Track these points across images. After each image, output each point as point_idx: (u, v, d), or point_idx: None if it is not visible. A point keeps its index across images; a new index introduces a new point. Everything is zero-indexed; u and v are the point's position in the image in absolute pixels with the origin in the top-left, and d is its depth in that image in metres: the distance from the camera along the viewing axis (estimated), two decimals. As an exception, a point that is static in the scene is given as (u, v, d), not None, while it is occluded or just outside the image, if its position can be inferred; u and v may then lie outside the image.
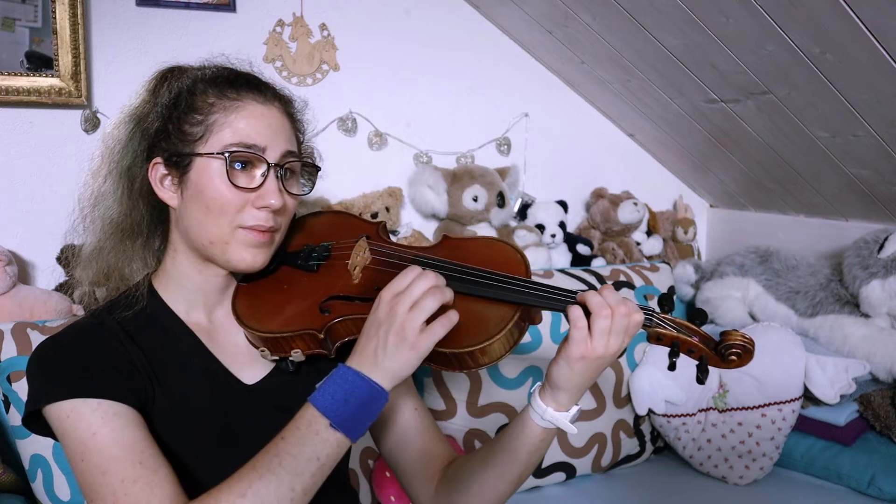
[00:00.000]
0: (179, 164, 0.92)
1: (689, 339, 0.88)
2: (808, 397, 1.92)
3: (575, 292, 0.89)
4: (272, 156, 0.92)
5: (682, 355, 0.89)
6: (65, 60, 1.73)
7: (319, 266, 1.00)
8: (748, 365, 0.89)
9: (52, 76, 1.73)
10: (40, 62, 1.73)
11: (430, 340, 0.82)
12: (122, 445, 0.82)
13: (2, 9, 1.68)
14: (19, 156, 1.77)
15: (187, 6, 1.90)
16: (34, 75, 1.72)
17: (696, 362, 0.89)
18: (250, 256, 0.93)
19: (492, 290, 0.89)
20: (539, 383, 0.95)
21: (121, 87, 1.83)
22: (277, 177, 0.92)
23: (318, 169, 1.03)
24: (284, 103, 0.98)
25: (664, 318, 0.89)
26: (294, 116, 1.00)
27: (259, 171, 0.92)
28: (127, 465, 0.81)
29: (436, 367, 0.89)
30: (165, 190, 0.94)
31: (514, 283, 0.89)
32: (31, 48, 1.72)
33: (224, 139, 0.90)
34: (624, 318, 0.86)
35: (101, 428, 0.82)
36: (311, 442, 0.80)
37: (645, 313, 0.88)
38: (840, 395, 1.87)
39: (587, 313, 0.87)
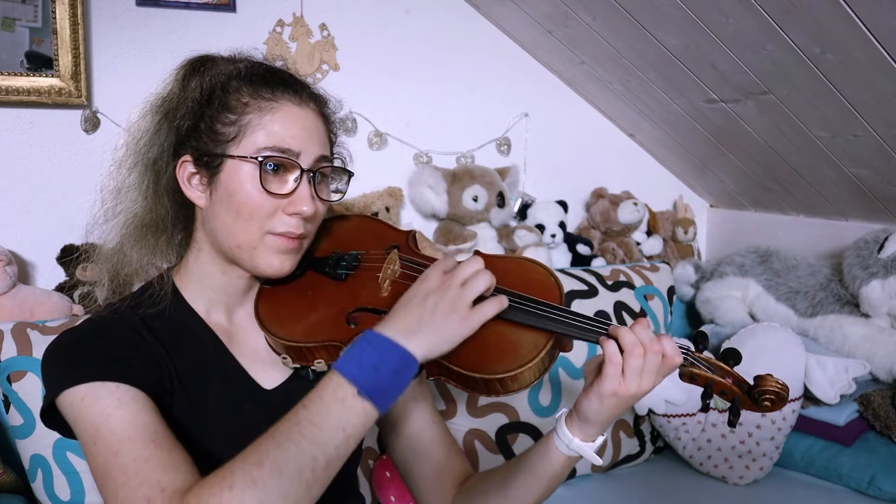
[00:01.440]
0: (210, 165, 0.89)
1: (722, 380, 0.85)
2: (808, 397, 1.92)
3: (609, 323, 0.86)
4: (306, 161, 0.90)
5: (714, 396, 0.87)
6: (65, 60, 1.73)
7: (348, 275, 0.97)
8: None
9: (52, 76, 1.73)
10: (40, 62, 1.73)
11: (481, 318, 0.81)
12: (135, 426, 0.80)
13: (2, 9, 1.68)
14: (19, 156, 1.77)
15: (187, 6, 1.90)
16: (34, 75, 1.72)
17: (729, 404, 0.87)
18: (278, 262, 0.91)
19: (527, 316, 0.86)
20: (565, 410, 0.92)
21: (121, 87, 1.85)
22: (310, 182, 0.90)
23: (350, 174, 1.00)
24: (320, 104, 0.96)
25: (699, 357, 0.87)
26: (329, 118, 0.98)
27: (292, 177, 0.90)
28: (140, 445, 0.78)
29: (461, 388, 0.87)
30: (193, 189, 0.92)
31: (550, 310, 0.86)
32: (31, 48, 1.72)
33: (257, 142, 0.88)
34: (656, 356, 0.83)
35: (115, 410, 0.80)
36: (336, 410, 0.75)
37: (680, 352, 0.85)
38: (840, 395, 1.87)
39: (621, 349, 0.84)
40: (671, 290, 2.15)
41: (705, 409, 0.87)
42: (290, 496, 0.72)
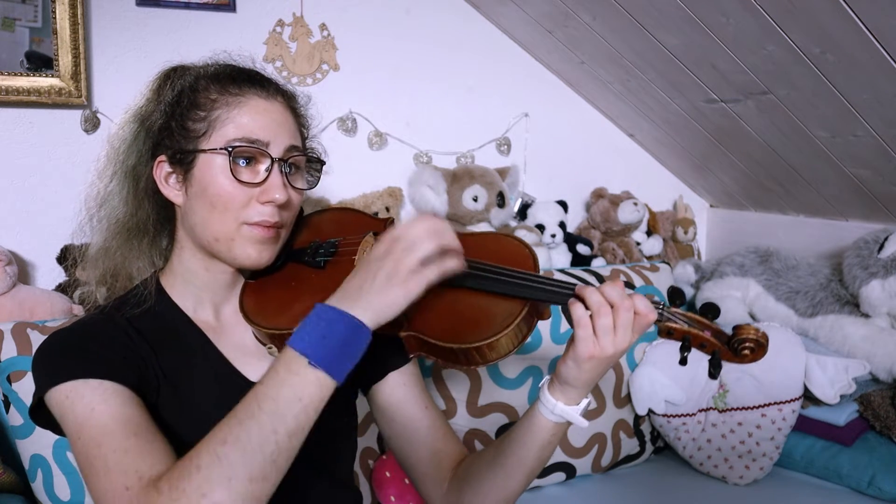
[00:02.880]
0: (183, 161, 0.92)
1: (700, 333, 0.85)
2: (808, 397, 1.92)
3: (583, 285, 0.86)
4: (276, 150, 0.92)
5: (693, 350, 0.87)
6: (65, 60, 1.73)
7: (326, 262, 1.00)
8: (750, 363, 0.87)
9: (52, 76, 1.73)
10: (40, 62, 1.73)
11: (421, 280, 0.81)
12: (117, 420, 0.82)
13: (2, 9, 1.68)
14: (19, 156, 1.77)
15: (187, 6, 1.90)
16: (34, 75, 1.72)
17: (709, 357, 0.87)
18: (256, 253, 0.93)
19: (499, 284, 0.87)
20: (548, 377, 0.93)
21: (121, 87, 1.85)
22: (281, 171, 0.92)
23: (322, 163, 1.02)
24: (287, 98, 0.98)
25: (675, 311, 0.87)
26: (297, 111, 1.00)
27: (263, 166, 0.92)
28: (121, 437, 0.80)
29: (442, 362, 0.88)
30: (170, 188, 0.94)
31: (521, 277, 0.87)
32: (31, 48, 1.72)
33: (227, 134, 0.90)
34: (628, 312, 0.83)
35: (99, 405, 0.82)
36: (290, 382, 0.77)
37: (656, 307, 0.85)
38: (840, 395, 1.87)
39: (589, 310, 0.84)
40: (671, 289, 2.15)
41: (683, 361, 0.86)
42: (256, 469, 0.74)
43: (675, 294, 0.89)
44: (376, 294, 0.80)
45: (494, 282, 0.87)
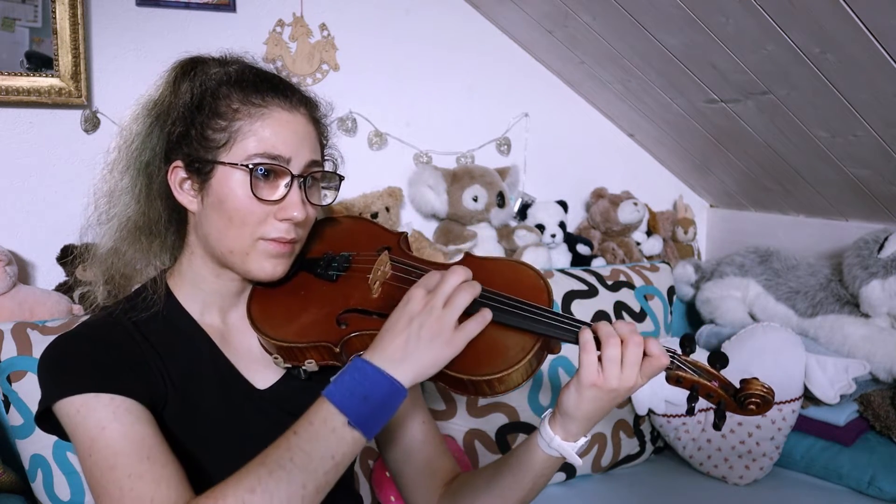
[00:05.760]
0: (201, 171, 0.89)
1: (708, 383, 0.86)
2: (808, 397, 1.92)
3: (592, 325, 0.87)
4: (296, 166, 0.90)
5: (700, 399, 0.88)
6: (65, 60, 1.73)
7: (339, 276, 0.98)
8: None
9: (52, 76, 1.73)
10: (40, 62, 1.73)
11: (465, 338, 0.81)
12: (130, 440, 0.81)
13: (2, 9, 1.68)
14: (19, 156, 1.77)
15: (187, 6, 1.90)
16: (34, 75, 1.72)
17: (714, 407, 0.87)
18: (270, 267, 0.91)
19: (515, 318, 0.86)
20: (550, 410, 0.93)
21: (121, 87, 1.85)
22: (301, 188, 0.90)
23: (341, 178, 1.00)
24: (310, 108, 0.95)
25: (685, 360, 0.87)
26: (319, 121, 0.98)
27: (283, 182, 0.89)
28: (134, 460, 0.79)
29: (451, 390, 0.87)
30: (185, 194, 0.92)
31: (538, 312, 0.87)
32: (31, 48, 1.72)
33: (248, 148, 0.87)
34: (637, 347, 0.83)
35: (110, 423, 0.81)
36: (326, 439, 0.77)
37: (667, 353, 0.85)
38: (840, 395, 1.87)
39: (598, 341, 0.85)
40: (671, 290, 2.15)
41: (690, 412, 0.87)
42: None
43: (686, 341, 0.89)
44: (421, 354, 0.80)
45: (510, 315, 0.86)
